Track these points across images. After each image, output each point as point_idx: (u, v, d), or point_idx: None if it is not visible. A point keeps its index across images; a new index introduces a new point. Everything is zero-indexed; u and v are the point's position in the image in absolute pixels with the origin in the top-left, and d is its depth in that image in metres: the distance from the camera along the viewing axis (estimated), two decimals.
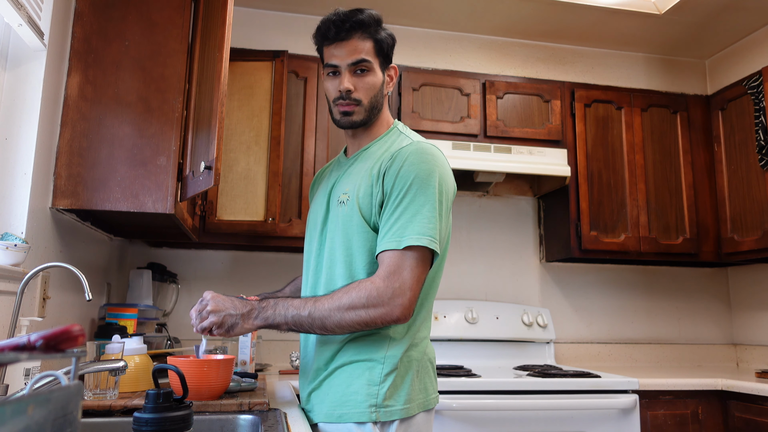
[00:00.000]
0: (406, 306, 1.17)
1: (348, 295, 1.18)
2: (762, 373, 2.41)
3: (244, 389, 1.48)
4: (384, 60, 1.38)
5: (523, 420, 2.10)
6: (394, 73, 1.42)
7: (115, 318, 2.01)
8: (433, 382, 1.32)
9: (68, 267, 1.32)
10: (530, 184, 3.03)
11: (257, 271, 2.77)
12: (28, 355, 0.55)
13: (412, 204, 1.21)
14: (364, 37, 1.34)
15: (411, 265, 1.18)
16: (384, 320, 1.17)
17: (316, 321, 1.18)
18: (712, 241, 2.87)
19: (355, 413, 1.20)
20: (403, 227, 1.19)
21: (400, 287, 1.16)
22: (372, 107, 1.36)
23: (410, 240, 1.17)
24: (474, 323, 2.74)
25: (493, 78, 2.81)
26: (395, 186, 1.23)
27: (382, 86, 1.38)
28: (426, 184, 1.22)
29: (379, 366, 1.22)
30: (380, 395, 1.20)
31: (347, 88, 1.32)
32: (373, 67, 1.35)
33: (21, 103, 1.56)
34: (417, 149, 1.27)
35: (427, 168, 1.24)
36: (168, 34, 1.75)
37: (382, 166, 1.27)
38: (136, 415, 0.94)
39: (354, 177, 1.33)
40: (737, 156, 2.79)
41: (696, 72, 3.36)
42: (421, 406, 1.25)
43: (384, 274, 1.18)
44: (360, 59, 1.33)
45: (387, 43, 1.38)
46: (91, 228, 1.99)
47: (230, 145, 2.45)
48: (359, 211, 1.26)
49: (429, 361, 1.32)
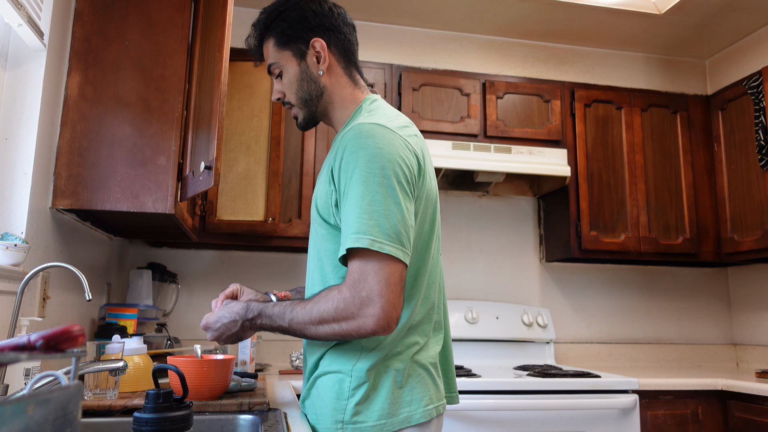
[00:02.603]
0: (380, 316, 1.01)
1: (318, 306, 1.07)
2: (762, 373, 2.41)
3: (244, 389, 1.48)
4: (296, 44, 1.25)
5: (523, 420, 2.10)
6: (320, 47, 1.24)
7: (115, 318, 2.01)
8: (430, 390, 1.15)
9: (68, 267, 1.32)
10: (530, 184, 3.03)
11: (257, 271, 2.77)
12: (28, 355, 0.55)
13: (351, 200, 1.05)
14: (266, 39, 1.28)
15: (374, 269, 1.02)
16: (360, 333, 1.04)
17: (297, 332, 1.11)
18: (712, 241, 2.87)
19: (323, 429, 1.12)
20: (346, 229, 1.05)
21: (367, 296, 1.01)
22: (305, 101, 1.27)
23: (350, 241, 1.03)
24: (474, 323, 2.74)
25: (493, 78, 2.81)
26: (340, 181, 1.09)
27: (304, 74, 1.25)
28: (364, 173, 1.05)
29: (347, 379, 1.10)
30: (348, 410, 1.09)
31: (275, 97, 1.30)
32: (283, 65, 1.27)
33: (21, 103, 1.56)
34: (355, 134, 1.10)
35: (364, 153, 1.06)
36: (168, 34, 1.75)
37: (333, 160, 1.14)
38: (136, 415, 0.94)
39: (321, 175, 1.24)
40: (737, 156, 2.79)
41: (696, 72, 3.36)
42: (407, 420, 1.09)
43: (350, 282, 1.04)
44: (268, 66, 1.29)
45: (290, 27, 1.24)
46: (91, 228, 1.99)
47: (230, 145, 2.45)
48: (318, 213, 1.19)
49: (423, 367, 1.15)
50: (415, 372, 1.14)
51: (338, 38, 1.27)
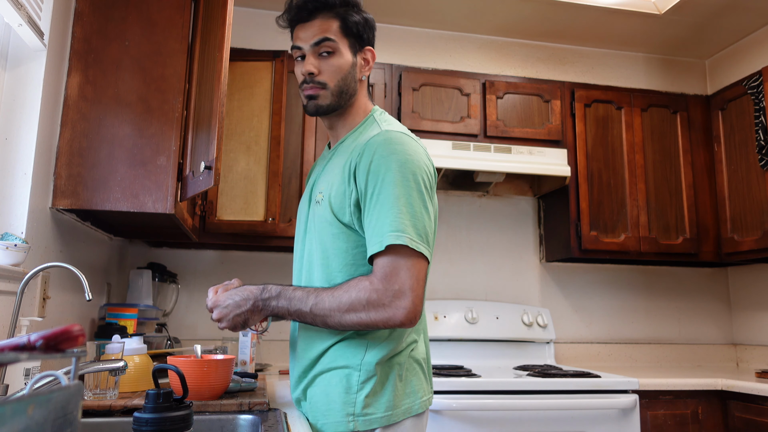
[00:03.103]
0: (410, 309, 1.10)
1: (348, 294, 1.13)
2: (762, 373, 2.41)
3: (244, 389, 1.48)
4: (356, 41, 1.29)
5: (523, 420, 2.10)
6: (371, 56, 1.32)
7: (115, 318, 2.01)
8: (422, 384, 1.25)
9: (68, 267, 1.32)
10: (530, 184, 3.03)
11: (257, 271, 2.77)
12: (28, 355, 0.55)
13: (387, 200, 1.13)
14: (328, 17, 1.26)
15: (407, 265, 1.11)
16: (387, 324, 1.12)
17: (318, 317, 1.15)
18: (712, 241, 2.87)
19: (333, 423, 1.17)
20: (382, 226, 1.12)
21: (399, 289, 1.10)
22: (341, 91, 1.28)
23: (390, 239, 1.10)
24: (474, 323, 2.74)
25: (493, 78, 2.81)
26: (368, 182, 1.16)
27: (352, 69, 1.29)
28: (398, 176, 1.14)
29: (355, 373, 1.17)
30: (358, 403, 1.15)
31: (309, 70, 1.26)
32: (339, 48, 1.26)
33: (21, 103, 1.56)
34: (385, 139, 1.18)
35: (397, 158, 1.15)
36: (168, 34, 1.75)
37: (352, 162, 1.20)
38: (136, 415, 0.94)
39: (330, 174, 1.27)
40: (737, 156, 2.79)
41: (696, 72, 3.36)
42: (408, 411, 1.19)
43: (381, 275, 1.12)
44: (322, 38, 1.25)
45: (358, 23, 1.28)
46: (91, 228, 1.99)
47: (230, 145, 2.45)
48: (331, 211, 1.21)
49: (417, 362, 1.25)
50: (412, 367, 1.24)
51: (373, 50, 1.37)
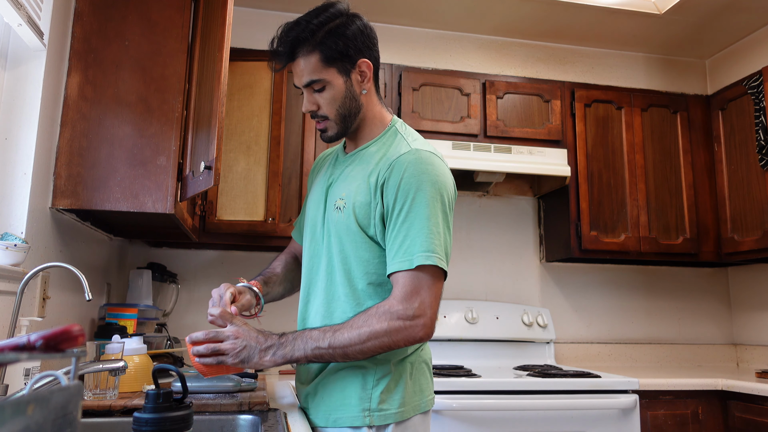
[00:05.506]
0: (428, 325, 1.16)
1: (368, 324, 1.15)
2: (762, 373, 2.41)
3: (244, 389, 1.48)
4: (343, 62, 1.25)
5: (523, 420, 2.10)
6: (366, 67, 1.27)
7: (115, 318, 2.01)
8: (429, 384, 1.31)
9: (68, 267, 1.32)
10: (530, 184, 3.03)
11: (257, 271, 2.74)
12: (28, 355, 0.55)
13: (417, 219, 1.17)
14: (308, 51, 1.23)
15: (428, 284, 1.16)
16: (408, 341, 1.16)
17: (337, 351, 1.16)
18: (712, 241, 2.87)
19: (349, 417, 1.20)
20: (412, 245, 1.16)
21: (419, 307, 1.15)
22: (343, 117, 1.28)
23: (420, 259, 1.15)
24: (474, 323, 2.74)
25: (493, 78, 2.81)
26: (397, 199, 1.19)
27: (348, 91, 1.27)
28: (429, 197, 1.19)
29: (372, 370, 1.21)
30: (374, 399, 1.20)
31: (308, 109, 1.29)
32: (327, 80, 1.24)
33: (21, 103, 1.56)
34: (416, 159, 1.21)
35: (428, 179, 1.20)
36: (168, 34, 1.75)
37: (380, 175, 1.22)
38: (136, 415, 0.94)
39: (351, 181, 1.28)
40: (737, 156, 2.79)
41: (696, 72, 3.36)
42: (416, 408, 1.24)
43: (401, 295, 1.16)
44: (308, 81, 1.25)
45: (339, 47, 1.23)
46: (91, 228, 1.99)
47: (230, 145, 2.45)
48: (356, 220, 1.23)
49: (424, 362, 1.31)
50: (420, 367, 1.29)
51: (373, 56, 1.30)
